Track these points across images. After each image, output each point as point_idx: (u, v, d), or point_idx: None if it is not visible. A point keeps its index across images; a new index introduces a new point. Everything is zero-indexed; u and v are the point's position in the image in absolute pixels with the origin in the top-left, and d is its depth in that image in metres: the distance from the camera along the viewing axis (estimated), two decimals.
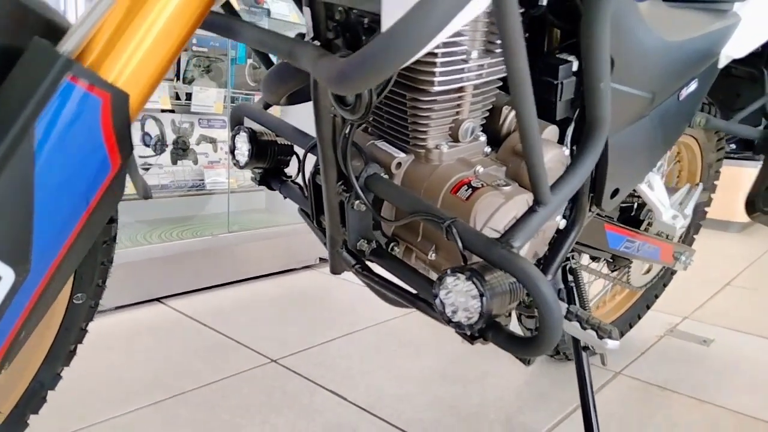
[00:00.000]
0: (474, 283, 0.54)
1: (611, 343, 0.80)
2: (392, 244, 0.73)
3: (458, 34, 0.64)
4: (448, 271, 0.57)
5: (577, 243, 0.97)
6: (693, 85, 0.89)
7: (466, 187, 0.67)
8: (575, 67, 0.75)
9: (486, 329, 0.60)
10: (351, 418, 1.08)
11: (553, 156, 0.72)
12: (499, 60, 0.69)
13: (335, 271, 0.76)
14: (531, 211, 0.58)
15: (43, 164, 0.35)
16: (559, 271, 0.93)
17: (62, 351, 0.68)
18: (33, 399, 0.68)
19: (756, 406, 1.22)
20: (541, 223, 0.58)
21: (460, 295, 0.56)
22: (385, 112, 0.72)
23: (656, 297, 1.55)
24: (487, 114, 0.75)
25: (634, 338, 1.57)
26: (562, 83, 0.75)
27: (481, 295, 0.54)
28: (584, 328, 0.81)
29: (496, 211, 0.65)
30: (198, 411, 1.08)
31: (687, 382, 1.32)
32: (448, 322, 0.57)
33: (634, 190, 0.96)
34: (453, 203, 0.67)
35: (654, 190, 0.98)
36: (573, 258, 0.93)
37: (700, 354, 1.50)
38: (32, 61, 0.34)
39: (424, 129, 0.68)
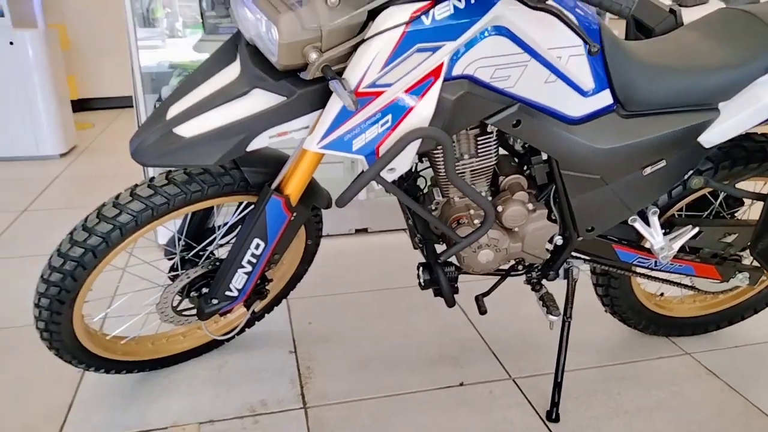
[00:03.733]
0: (421, 273, 1.27)
1: (551, 317, 1.37)
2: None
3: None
4: (421, 264, 1.30)
5: (590, 255, 1.48)
6: (660, 164, 1.28)
7: (457, 222, 1.34)
8: (544, 157, 1.30)
9: (437, 290, 1.31)
10: (459, 320, 1.84)
11: (514, 210, 1.31)
12: (484, 155, 1.30)
13: (414, 247, 1.52)
14: (454, 242, 1.24)
15: (267, 214, 1.26)
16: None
17: (305, 262, 1.64)
18: (296, 279, 1.67)
19: None
20: (456, 252, 1.25)
21: (422, 273, 1.30)
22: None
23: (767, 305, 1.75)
24: (489, 179, 1.36)
25: (745, 333, 1.82)
26: (533, 166, 1.32)
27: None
28: (543, 305, 1.40)
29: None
30: (381, 303, 1.99)
31: (747, 381, 1.60)
32: (419, 282, 1.31)
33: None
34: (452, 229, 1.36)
35: (649, 227, 1.39)
36: (572, 262, 1.45)
37: None
38: (263, 192, 1.24)
39: (446, 190, 1.37)
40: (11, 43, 3.39)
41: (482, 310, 1.38)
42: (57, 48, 3.67)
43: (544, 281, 1.47)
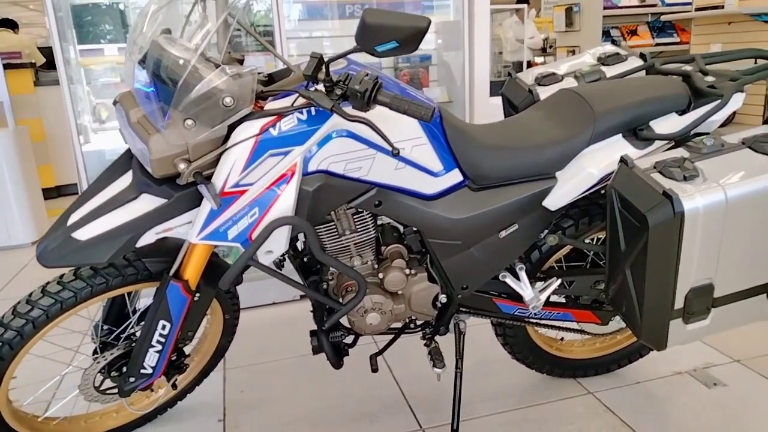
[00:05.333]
0: (311, 340, 1.42)
1: (436, 370, 1.51)
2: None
3: (330, 228, 1.47)
4: (311, 331, 1.46)
5: (475, 309, 1.64)
6: (513, 228, 1.47)
7: (346, 290, 1.51)
8: (415, 229, 1.49)
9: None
10: (384, 378, 1.97)
11: (393, 276, 1.48)
12: (362, 230, 1.48)
13: None
14: (334, 310, 1.41)
15: (168, 298, 1.42)
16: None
17: (227, 334, 1.79)
18: (220, 352, 1.82)
19: None
20: (338, 319, 1.40)
21: (312, 339, 1.45)
22: None
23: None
24: (374, 250, 1.54)
25: (645, 369, 1.96)
26: (406, 236, 1.50)
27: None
28: (430, 359, 1.54)
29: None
30: (313, 368, 2.12)
31: (640, 416, 1.74)
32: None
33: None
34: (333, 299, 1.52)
35: (519, 281, 1.56)
36: (459, 317, 1.61)
37: (696, 394, 1.82)
38: (163, 278, 1.41)
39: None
40: None
41: (374, 368, 1.53)
42: (27, 143, 3.91)
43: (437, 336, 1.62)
